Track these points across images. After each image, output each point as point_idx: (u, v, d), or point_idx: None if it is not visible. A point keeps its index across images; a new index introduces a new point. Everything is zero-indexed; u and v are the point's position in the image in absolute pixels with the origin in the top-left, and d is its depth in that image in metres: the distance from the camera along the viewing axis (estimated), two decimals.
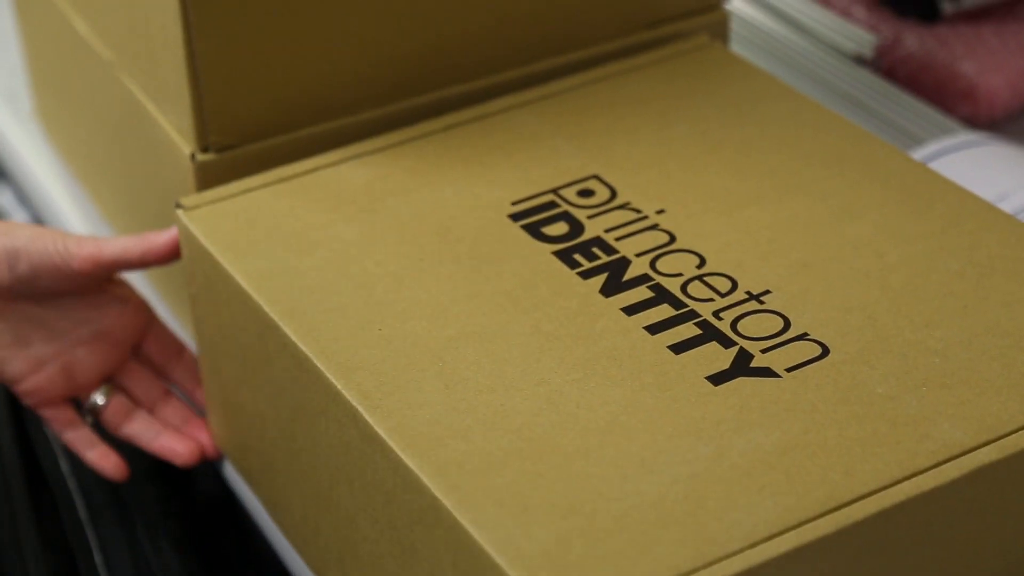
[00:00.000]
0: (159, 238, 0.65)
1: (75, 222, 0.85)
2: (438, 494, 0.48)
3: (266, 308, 0.57)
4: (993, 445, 0.51)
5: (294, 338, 0.55)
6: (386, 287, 0.58)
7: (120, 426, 0.70)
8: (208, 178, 0.66)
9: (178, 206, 0.63)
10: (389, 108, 0.69)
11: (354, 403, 0.52)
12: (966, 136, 0.77)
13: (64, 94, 0.84)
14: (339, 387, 0.53)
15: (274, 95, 0.66)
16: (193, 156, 0.66)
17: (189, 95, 0.65)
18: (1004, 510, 0.53)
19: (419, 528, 0.50)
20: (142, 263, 0.66)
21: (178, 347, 0.71)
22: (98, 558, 0.73)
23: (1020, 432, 0.51)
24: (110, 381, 0.70)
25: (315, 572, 0.62)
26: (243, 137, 0.66)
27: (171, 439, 0.70)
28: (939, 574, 0.52)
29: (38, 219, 0.91)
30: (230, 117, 0.66)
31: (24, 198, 0.92)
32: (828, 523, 0.48)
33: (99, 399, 0.70)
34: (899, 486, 0.49)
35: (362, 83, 0.68)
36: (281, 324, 0.56)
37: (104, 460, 0.71)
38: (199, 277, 0.63)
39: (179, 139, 0.67)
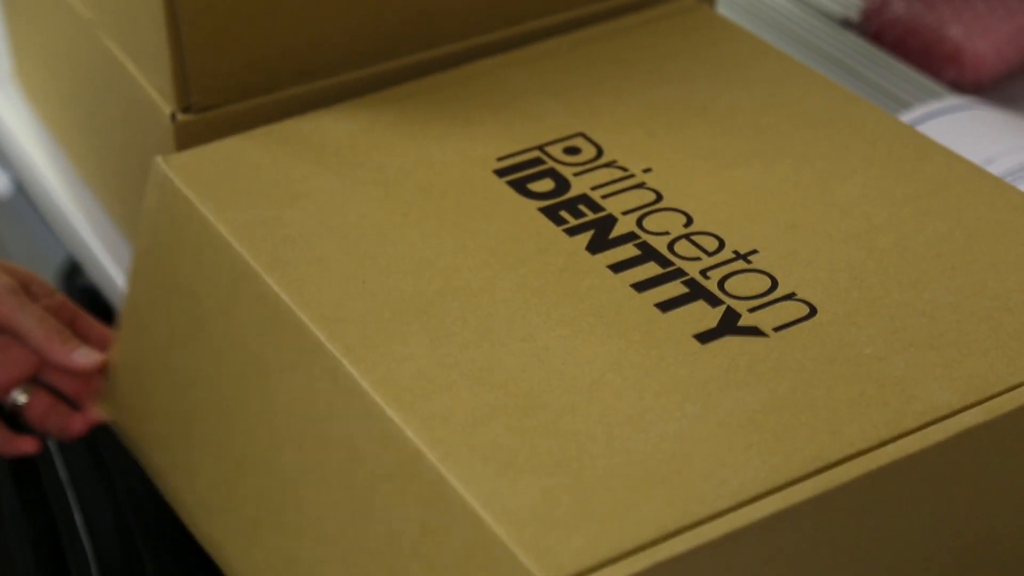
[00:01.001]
0: (78, 360, 0.64)
1: (54, 183, 0.84)
2: (423, 448, 0.48)
3: (248, 258, 0.56)
4: (980, 407, 0.50)
5: (276, 289, 0.55)
6: (370, 240, 0.57)
7: (42, 423, 0.69)
8: (188, 138, 0.65)
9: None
10: (373, 69, 0.68)
11: (337, 355, 0.52)
12: (952, 100, 0.77)
13: (43, 54, 0.83)
14: (322, 339, 0.52)
15: (256, 55, 0.65)
16: (173, 116, 0.65)
17: (169, 55, 0.64)
18: (990, 473, 0.52)
19: (386, 486, 0.50)
20: (53, 366, 0.65)
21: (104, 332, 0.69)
22: (79, 520, 0.72)
23: (1007, 394, 0.51)
24: (32, 379, 0.68)
25: (210, 541, 0.59)
26: (224, 97, 0.65)
27: (74, 423, 0.68)
28: (925, 538, 0.52)
29: (18, 181, 0.90)
30: (211, 77, 0.65)
31: (3, 159, 0.91)
32: (814, 485, 0.48)
33: (20, 398, 0.68)
34: (885, 448, 0.49)
35: (346, 43, 0.67)
36: (263, 274, 0.55)
37: (22, 446, 0.69)
38: (164, 229, 0.61)
39: (159, 99, 0.66)
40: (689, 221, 0.59)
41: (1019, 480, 0.53)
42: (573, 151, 0.63)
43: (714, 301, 0.55)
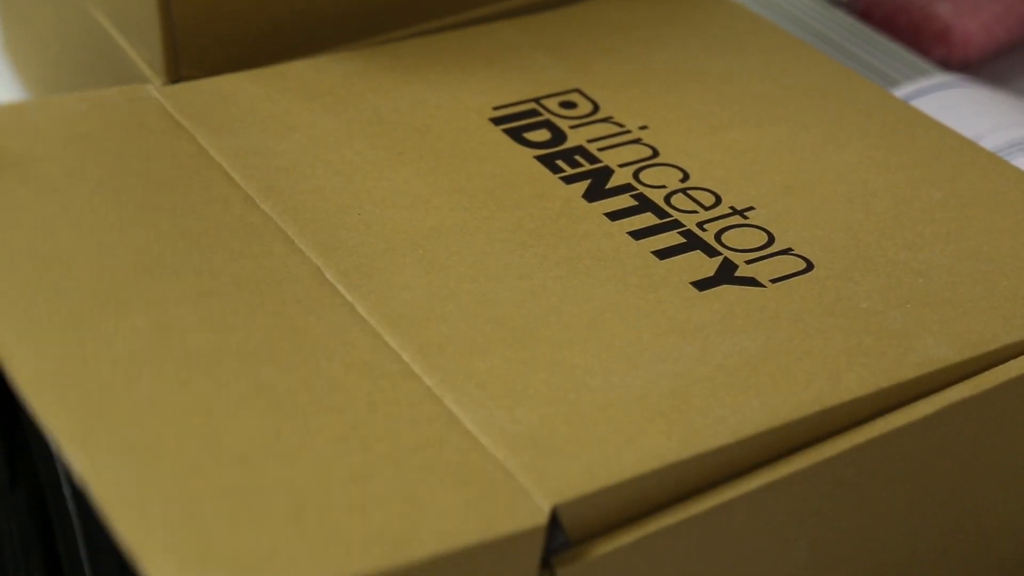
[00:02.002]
0: None
1: None
2: (420, 373, 0.47)
3: (241, 184, 0.55)
4: (971, 381, 0.50)
5: (272, 214, 0.53)
6: (365, 175, 0.56)
7: None
8: None
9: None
10: (368, 42, 0.67)
11: (333, 281, 0.50)
12: (941, 78, 0.77)
13: (32, 27, 0.82)
14: (318, 264, 0.51)
15: (248, 28, 0.64)
16: None
17: (159, 27, 0.63)
18: (980, 447, 0.52)
19: (380, 412, 0.48)
20: None
21: None
22: (67, 492, 0.71)
23: (1000, 367, 0.51)
24: None
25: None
26: (214, 71, 0.64)
27: None
28: (911, 514, 0.52)
29: None
30: (202, 51, 0.64)
31: None
32: (802, 459, 0.47)
33: None
34: (873, 424, 0.48)
35: (338, 18, 0.66)
36: (257, 200, 0.54)
37: None
38: (136, 154, 0.59)
39: (149, 73, 0.65)
40: (686, 177, 0.58)
41: (1010, 455, 0.53)
42: (569, 105, 0.62)
43: (711, 252, 0.54)
